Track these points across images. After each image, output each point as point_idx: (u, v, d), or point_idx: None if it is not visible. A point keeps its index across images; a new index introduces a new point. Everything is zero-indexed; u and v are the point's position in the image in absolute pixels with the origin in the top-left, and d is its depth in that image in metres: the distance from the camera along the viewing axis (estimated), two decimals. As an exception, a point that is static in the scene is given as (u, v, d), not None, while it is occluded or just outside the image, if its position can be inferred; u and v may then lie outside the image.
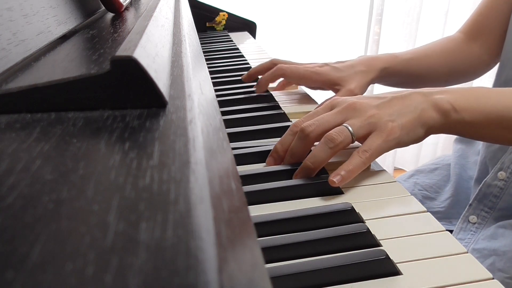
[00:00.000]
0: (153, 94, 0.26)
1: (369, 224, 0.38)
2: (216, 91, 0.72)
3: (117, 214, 0.15)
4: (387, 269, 0.33)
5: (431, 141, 1.95)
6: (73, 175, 0.18)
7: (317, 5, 1.86)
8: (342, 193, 0.44)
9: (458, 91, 0.48)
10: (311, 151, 0.46)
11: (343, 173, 0.43)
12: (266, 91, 0.73)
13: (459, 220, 0.70)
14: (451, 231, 0.69)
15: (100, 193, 0.17)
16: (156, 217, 0.15)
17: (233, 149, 0.52)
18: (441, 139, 1.96)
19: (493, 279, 0.32)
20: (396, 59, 0.73)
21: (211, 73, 0.85)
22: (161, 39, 0.36)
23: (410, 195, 0.43)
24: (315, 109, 0.51)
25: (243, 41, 1.16)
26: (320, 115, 0.48)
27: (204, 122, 0.26)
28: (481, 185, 0.68)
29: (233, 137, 0.56)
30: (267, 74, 0.71)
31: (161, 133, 0.23)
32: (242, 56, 1.00)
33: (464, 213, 0.69)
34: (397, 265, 0.34)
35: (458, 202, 0.76)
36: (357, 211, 0.40)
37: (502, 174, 0.66)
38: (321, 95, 0.72)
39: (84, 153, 0.21)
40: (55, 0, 0.45)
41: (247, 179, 0.45)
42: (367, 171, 0.48)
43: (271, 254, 0.35)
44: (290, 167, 0.47)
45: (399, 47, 1.90)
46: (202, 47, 1.02)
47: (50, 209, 0.16)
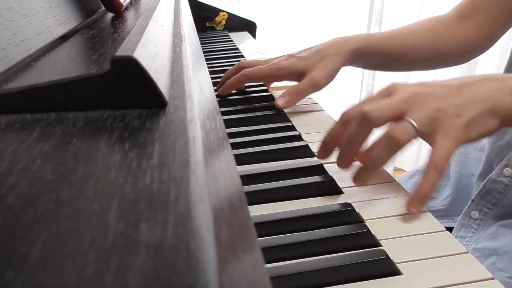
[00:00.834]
0: (153, 94, 0.26)
1: (369, 224, 0.38)
2: (216, 91, 0.72)
3: (117, 214, 0.15)
4: (387, 269, 0.33)
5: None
6: (73, 175, 0.18)
7: (317, 5, 1.86)
8: (342, 193, 0.44)
9: None
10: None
11: (420, 193, 0.40)
12: (266, 90, 0.73)
13: (461, 215, 0.69)
14: (453, 228, 0.69)
15: (100, 193, 0.17)
16: (156, 217, 0.15)
17: (233, 149, 0.52)
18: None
19: (493, 279, 0.32)
20: (371, 38, 0.69)
21: (211, 73, 0.85)
22: (161, 39, 0.36)
23: (409, 194, 0.43)
24: (370, 96, 0.45)
25: (243, 41, 1.16)
26: (377, 100, 0.43)
27: (204, 122, 0.26)
28: (485, 181, 0.67)
29: (233, 137, 0.56)
30: (232, 79, 0.69)
31: (161, 133, 0.23)
32: (242, 56, 1.00)
33: (466, 208, 0.69)
34: (397, 265, 0.34)
35: (458, 199, 0.76)
36: (357, 211, 0.40)
37: (508, 170, 0.65)
38: (321, 95, 0.72)
39: (84, 153, 0.21)
40: (55, 0, 0.45)
41: (247, 179, 0.45)
42: (367, 171, 0.48)
43: (271, 254, 0.35)
44: (290, 167, 0.47)
45: (399, 47, 1.89)
46: (202, 47, 1.02)
47: (50, 209, 0.16)
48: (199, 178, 0.18)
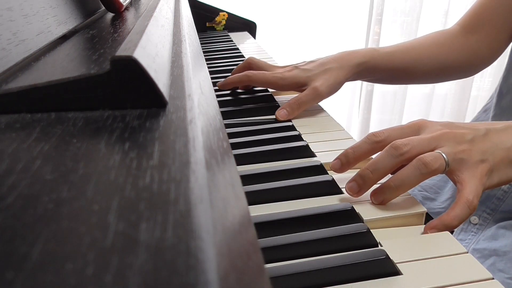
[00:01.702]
0: (153, 94, 0.26)
1: (369, 224, 0.38)
2: (216, 91, 0.72)
3: (117, 214, 0.15)
4: (387, 269, 0.33)
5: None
6: (73, 175, 0.18)
7: (317, 5, 1.86)
8: (342, 193, 0.44)
9: None
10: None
11: (446, 222, 0.39)
12: (266, 90, 0.73)
13: None
14: (452, 232, 0.69)
15: (100, 193, 0.17)
16: (156, 217, 0.15)
17: (233, 149, 0.51)
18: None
19: (493, 279, 0.32)
20: (376, 52, 0.69)
21: (211, 73, 0.85)
22: (161, 39, 0.36)
23: (410, 195, 0.43)
24: (400, 126, 0.45)
25: (243, 41, 1.16)
26: (409, 135, 0.43)
27: (204, 122, 0.26)
28: None
29: (233, 137, 0.56)
30: (235, 76, 0.70)
31: (161, 133, 0.23)
32: (242, 56, 1.00)
33: None
34: (397, 265, 0.34)
35: None
36: (357, 211, 0.40)
37: None
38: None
39: (84, 153, 0.21)
40: (55, 0, 0.45)
41: (247, 179, 0.45)
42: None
43: (271, 254, 0.35)
44: (290, 167, 0.47)
45: (399, 47, 1.89)
46: (202, 47, 1.02)
47: (50, 209, 0.16)
48: (199, 178, 0.18)
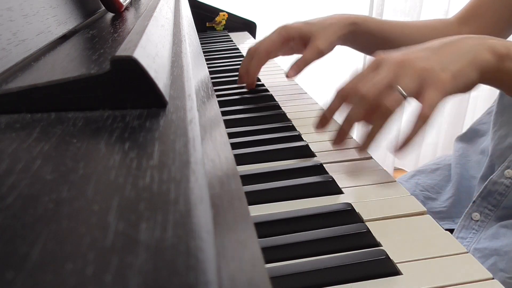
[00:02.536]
0: (153, 94, 0.26)
1: (369, 224, 0.38)
2: (216, 91, 0.72)
3: (117, 214, 0.15)
4: (387, 269, 0.33)
5: (431, 141, 1.95)
6: (73, 175, 0.18)
7: (317, 5, 1.86)
8: (342, 193, 0.44)
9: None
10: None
11: (405, 143, 0.45)
12: (266, 90, 0.73)
13: (462, 217, 0.70)
14: (454, 230, 0.69)
15: (100, 193, 0.17)
16: (156, 217, 0.15)
17: (233, 149, 0.52)
18: (441, 139, 1.96)
19: (493, 279, 0.32)
20: (370, 18, 0.75)
21: (211, 73, 0.85)
22: (161, 39, 0.36)
23: (410, 195, 0.43)
24: (360, 72, 0.48)
25: (243, 41, 1.16)
26: (367, 76, 0.46)
27: (204, 122, 0.26)
28: (486, 183, 0.68)
29: (233, 137, 0.56)
30: (251, 64, 0.70)
31: (161, 133, 0.23)
32: (242, 56, 1.00)
33: (467, 210, 0.69)
34: (397, 265, 0.34)
35: (459, 201, 0.76)
36: (357, 211, 0.40)
37: (509, 172, 0.66)
38: (321, 95, 0.72)
39: (84, 153, 0.21)
40: (55, 0, 0.45)
41: (247, 179, 0.45)
42: (367, 171, 0.48)
43: (271, 254, 0.35)
44: (290, 167, 0.47)
45: (399, 47, 1.89)
46: (202, 47, 1.02)
47: (50, 209, 0.16)
48: (199, 178, 0.18)
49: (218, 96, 0.71)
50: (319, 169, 0.47)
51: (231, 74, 0.84)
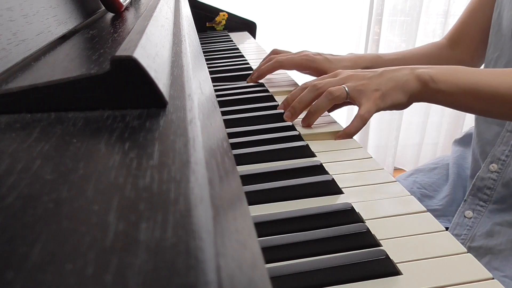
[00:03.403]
0: (153, 94, 0.26)
1: (369, 224, 0.38)
2: (216, 91, 0.72)
3: (117, 214, 0.15)
4: (387, 269, 0.33)
5: (431, 142, 1.95)
6: (73, 175, 0.18)
7: (317, 5, 1.86)
8: (342, 193, 0.44)
9: (439, 68, 0.58)
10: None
11: (346, 131, 0.57)
12: (266, 91, 0.73)
13: (455, 215, 0.71)
14: (447, 228, 0.70)
15: (100, 193, 0.17)
16: (156, 217, 0.15)
17: (233, 149, 0.52)
18: (441, 140, 1.96)
19: (493, 279, 0.32)
20: (380, 59, 0.80)
21: (211, 73, 0.85)
22: (161, 39, 0.36)
23: (410, 195, 0.43)
24: (326, 76, 0.62)
25: (243, 41, 1.16)
26: (325, 78, 0.61)
27: (204, 122, 0.26)
28: (474, 180, 0.70)
29: (233, 137, 0.56)
30: (266, 65, 0.76)
31: (161, 133, 0.23)
32: (242, 56, 1.00)
33: (459, 208, 0.71)
34: (397, 265, 0.34)
35: (455, 200, 0.77)
36: (357, 211, 0.40)
37: (493, 166, 0.70)
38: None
39: (84, 153, 0.21)
40: (55, 0, 0.45)
41: (247, 179, 0.45)
42: (367, 171, 0.48)
43: (271, 254, 0.35)
44: (290, 167, 0.47)
45: (399, 47, 1.90)
46: (202, 47, 1.02)
47: (50, 209, 0.16)
48: (199, 178, 0.18)
49: (218, 96, 0.71)
50: (319, 169, 0.47)
51: (231, 74, 0.84)
